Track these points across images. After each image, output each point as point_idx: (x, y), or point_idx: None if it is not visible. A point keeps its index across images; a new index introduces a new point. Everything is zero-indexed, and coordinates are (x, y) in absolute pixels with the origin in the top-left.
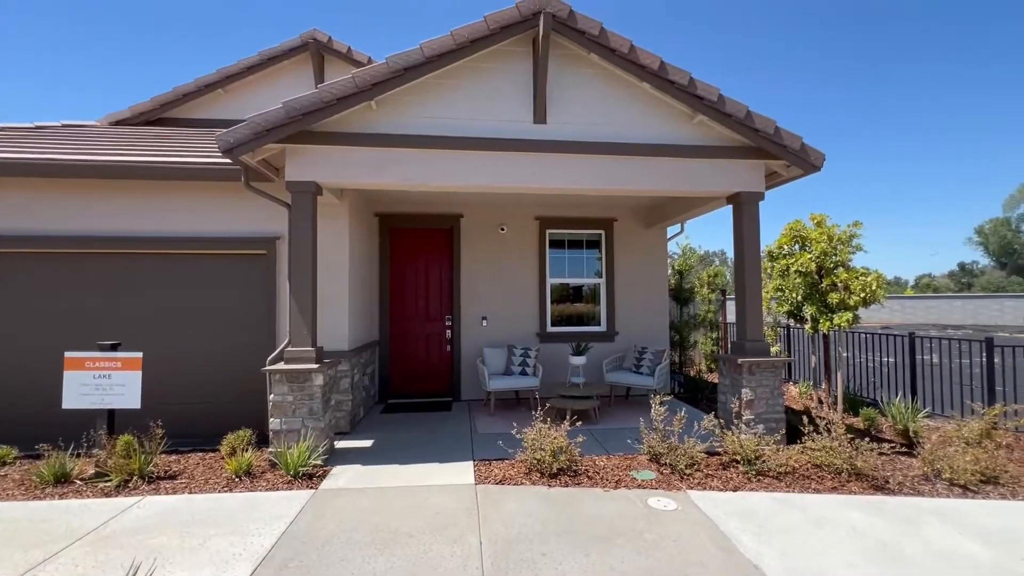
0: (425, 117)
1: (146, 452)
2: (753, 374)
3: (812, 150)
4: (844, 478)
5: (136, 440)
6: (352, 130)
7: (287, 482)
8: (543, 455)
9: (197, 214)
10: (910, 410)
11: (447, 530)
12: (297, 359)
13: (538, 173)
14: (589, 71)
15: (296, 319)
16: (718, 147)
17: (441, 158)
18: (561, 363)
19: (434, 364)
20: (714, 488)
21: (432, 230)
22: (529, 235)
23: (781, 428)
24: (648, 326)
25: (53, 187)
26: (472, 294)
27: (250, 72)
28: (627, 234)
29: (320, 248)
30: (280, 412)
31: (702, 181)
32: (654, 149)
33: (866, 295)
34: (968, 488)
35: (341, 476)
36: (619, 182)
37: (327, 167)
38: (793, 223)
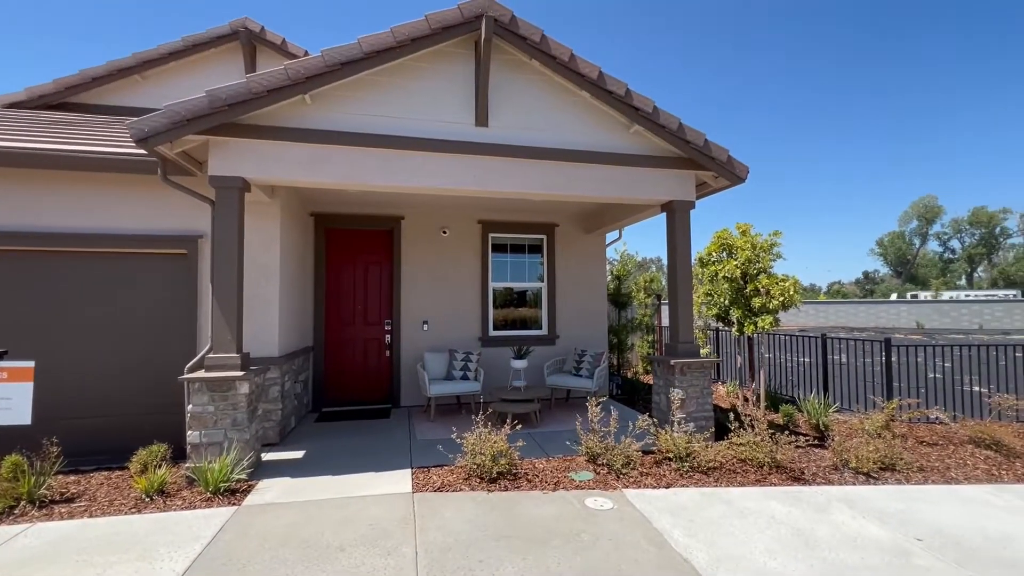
0: (364, 115)
1: (37, 473)
2: (684, 375)
3: (737, 163)
4: (766, 471)
5: (27, 460)
6: (284, 124)
7: (206, 499)
8: (483, 460)
9: (108, 209)
10: (822, 406)
11: (381, 542)
12: (220, 366)
13: (480, 176)
14: (531, 77)
15: (219, 323)
16: (653, 157)
17: (380, 157)
18: (503, 367)
19: (372, 370)
20: (648, 486)
21: (372, 231)
22: (472, 238)
23: (710, 426)
24: (588, 329)
25: None
26: (413, 298)
27: (172, 58)
28: (568, 239)
29: (248, 248)
30: (200, 424)
31: (638, 189)
32: (593, 156)
33: (785, 299)
34: (871, 476)
35: (268, 490)
36: (559, 187)
37: (256, 162)
38: (721, 232)
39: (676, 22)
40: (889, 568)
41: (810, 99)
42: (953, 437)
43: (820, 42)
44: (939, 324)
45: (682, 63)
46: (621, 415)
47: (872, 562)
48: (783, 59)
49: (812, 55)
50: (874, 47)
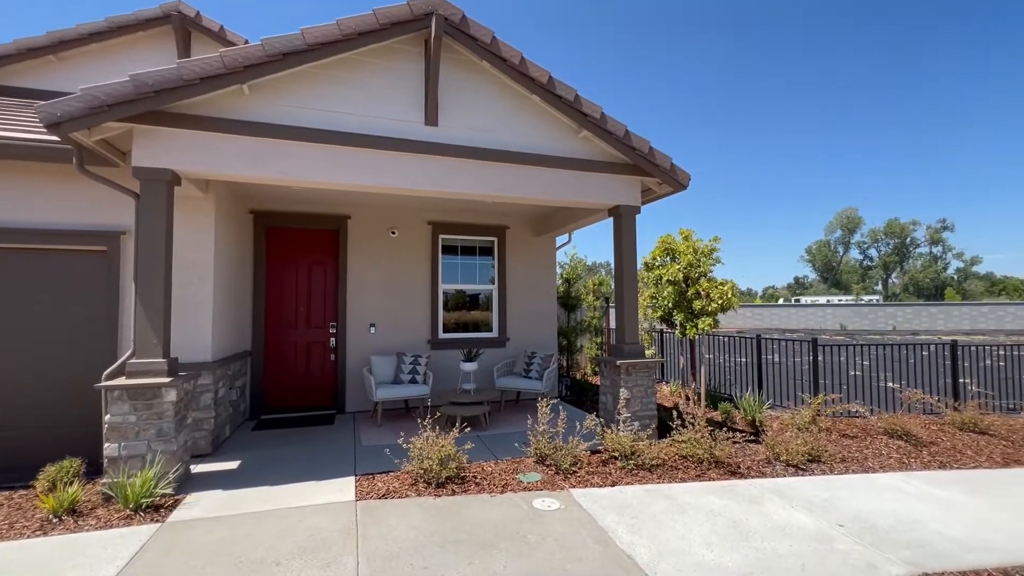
0: (309, 109)
1: None
2: (630, 375)
3: (680, 170)
4: (705, 466)
5: None
6: (221, 115)
7: (125, 517)
8: (430, 464)
9: (16, 201)
10: (757, 403)
11: (320, 553)
12: (143, 372)
13: (429, 176)
14: (482, 78)
15: (143, 327)
16: (601, 162)
17: (325, 154)
18: (453, 370)
19: (316, 375)
20: (595, 484)
21: (317, 231)
22: (421, 240)
23: (654, 424)
24: (538, 332)
25: None
26: (360, 300)
27: (93, 40)
28: (519, 242)
29: (179, 246)
30: (120, 435)
31: (586, 192)
32: (543, 159)
33: (723, 302)
34: (800, 467)
35: (196, 504)
36: (509, 189)
37: (188, 154)
38: (665, 237)
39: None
40: (815, 554)
41: (756, 114)
42: (870, 429)
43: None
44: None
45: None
46: (569, 415)
47: (800, 549)
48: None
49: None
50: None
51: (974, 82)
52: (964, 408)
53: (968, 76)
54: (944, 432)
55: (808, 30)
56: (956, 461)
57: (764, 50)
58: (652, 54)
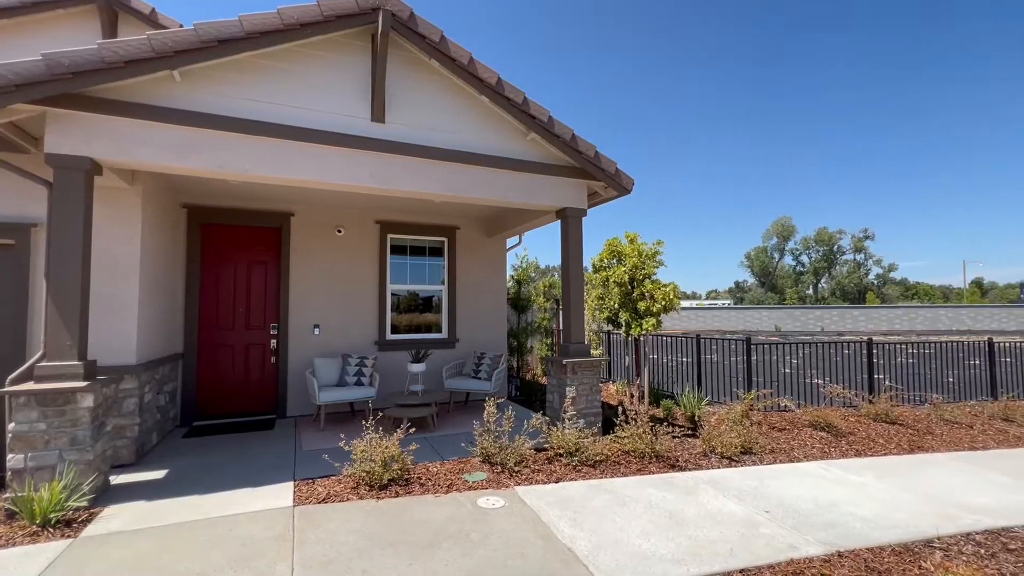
0: (246, 99)
1: None
2: (576, 373)
3: (624, 175)
4: (646, 461)
5: None
6: (148, 101)
7: (31, 534)
8: (372, 467)
9: None
10: (696, 400)
11: (253, 562)
12: (54, 376)
13: (376, 173)
14: (431, 77)
15: (56, 327)
16: (548, 164)
17: (266, 147)
18: (401, 372)
19: (255, 379)
20: (539, 482)
21: (256, 228)
22: (369, 239)
23: (599, 421)
24: (488, 333)
25: None
26: (303, 300)
27: (5, 15)
28: (469, 243)
29: (100, 241)
30: (26, 445)
31: (534, 195)
32: (491, 160)
33: (666, 303)
34: (733, 459)
35: (116, 518)
36: (457, 189)
37: (111, 142)
38: (612, 240)
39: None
40: (742, 539)
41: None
42: (797, 422)
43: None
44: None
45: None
46: (518, 415)
47: (729, 534)
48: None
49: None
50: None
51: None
52: (878, 401)
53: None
54: (860, 423)
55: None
56: (870, 449)
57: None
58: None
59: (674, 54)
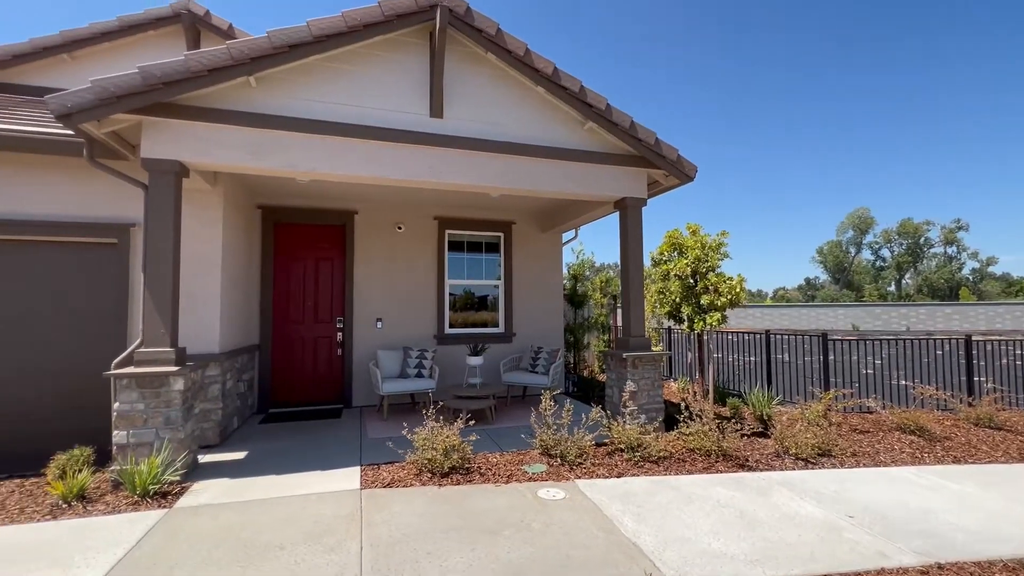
0: (314, 101)
1: None
2: (636, 367)
3: (687, 162)
4: (713, 459)
5: None
6: (227, 107)
7: (133, 503)
8: (434, 455)
9: (31, 194)
10: (766, 398)
11: (325, 538)
12: (151, 361)
13: (435, 168)
14: (487, 70)
15: (151, 316)
16: (607, 154)
17: (331, 146)
18: (459, 365)
19: (323, 369)
20: (600, 475)
21: (323, 226)
22: (428, 235)
23: (660, 417)
24: (545, 328)
25: None
26: (366, 295)
27: (105, 39)
28: (525, 238)
29: (187, 239)
30: (128, 423)
31: (592, 185)
32: (548, 151)
33: (732, 296)
34: (809, 461)
35: (204, 492)
36: (514, 182)
37: (195, 146)
38: (672, 232)
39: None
40: (824, 543)
41: (758, 105)
42: (883, 424)
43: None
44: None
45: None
46: (576, 409)
47: (807, 538)
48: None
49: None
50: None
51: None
52: (979, 404)
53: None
54: (958, 427)
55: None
56: (971, 456)
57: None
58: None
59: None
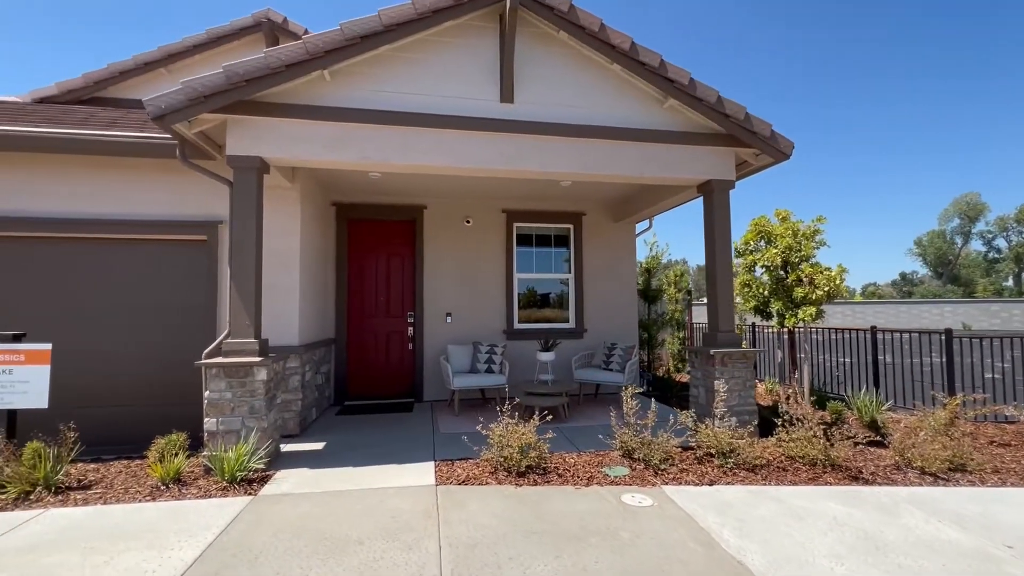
0: (385, 92)
1: (54, 459)
2: (725, 365)
3: (782, 138)
4: (819, 469)
5: (47, 447)
6: (303, 102)
7: (222, 489)
8: (510, 452)
9: (128, 195)
10: (874, 403)
11: (402, 535)
12: (237, 352)
13: (505, 154)
14: (558, 50)
15: (237, 308)
16: (689, 133)
17: (402, 136)
18: (529, 361)
19: (395, 363)
20: (689, 483)
21: (393, 222)
22: (496, 228)
23: (753, 420)
24: (617, 323)
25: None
26: (436, 290)
27: (196, 51)
28: (596, 229)
29: (268, 234)
30: (217, 411)
31: (673, 168)
32: (625, 133)
33: (830, 289)
34: (939, 476)
35: (285, 481)
36: (589, 166)
37: (274, 141)
38: (758, 219)
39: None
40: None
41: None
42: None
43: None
44: (988, 325)
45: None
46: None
47: (956, 568)
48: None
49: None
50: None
51: None
52: None
53: None
54: None
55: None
56: None
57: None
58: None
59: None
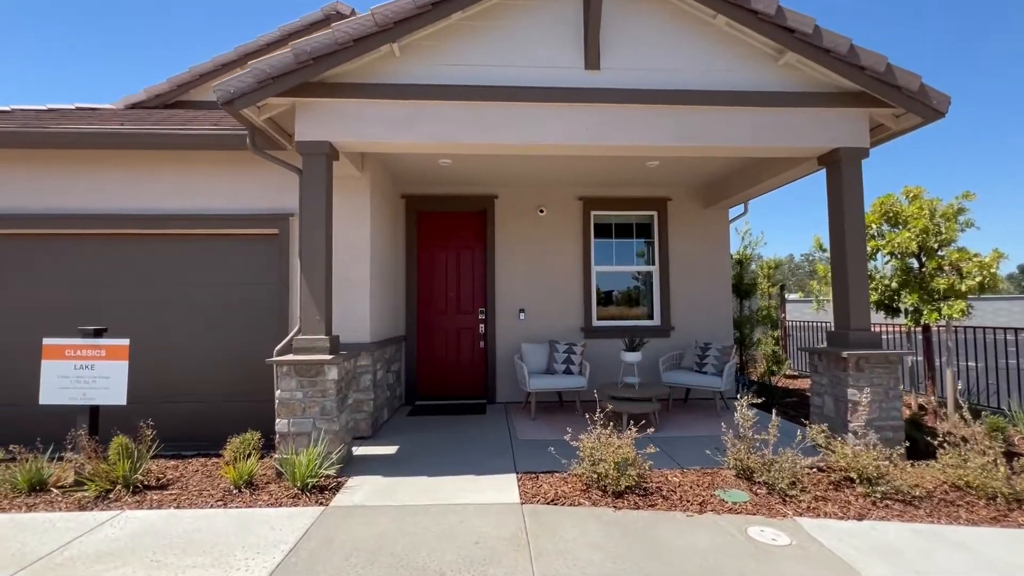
0: (458, 65)
1: (135, 457)
2: (862, 370)
3: (933, 92)
4: (1002, 505)
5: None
6: (372, 80)
7: (293, 496)
8: (605, 468)
9: (202, 189)
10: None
11: (490, 568)
12: (307, 349)
13: (592, 128)
14: (650, 7)
15: (307, 303)
16: (811, 94)
17: (476, 112)
18: (607, 361)
19: (466, 362)
20: (830, 515)
21: (463, 213)
22: (572, 218)
23: (900, 439)
24: (708, 321)
25: (37, 162)
26: (508, 285)
27: (270, 49)
28: (683, 216)
29: (338, 225)
30: (288, 411)
31: (791, 135)
32: (731, 97)
33: (984, 279)
34: None
35: (358, 490)
36: (688, 137)
37: (343, 124)
38: (883, 198)
39: None
40: None
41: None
42: None
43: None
44: None
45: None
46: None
47: None
48: None
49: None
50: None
51: None
52: None
53: None
54: None
55: None
56: None
57: None
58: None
59: None
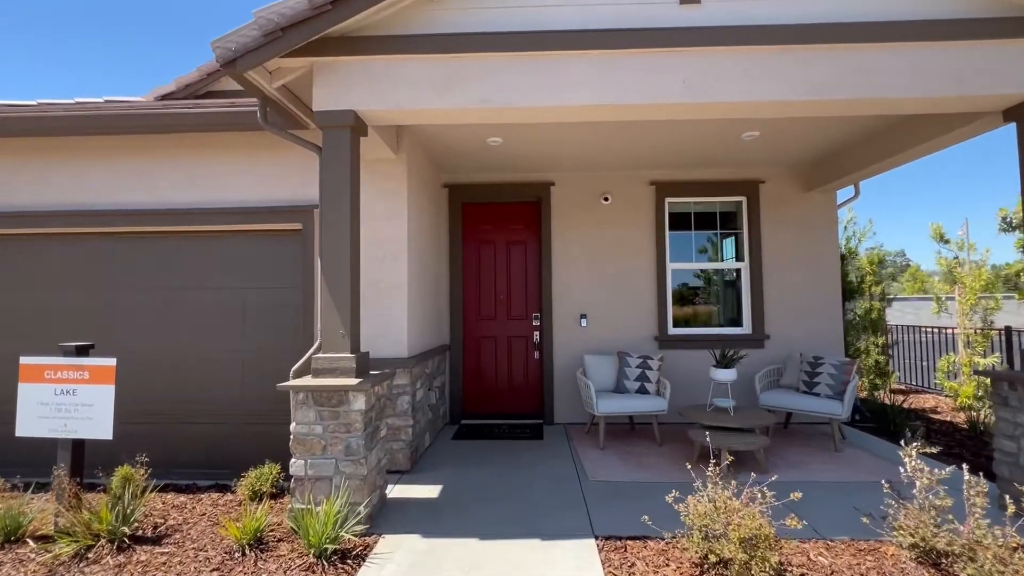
0: (512, 7)
1: (124, 501)
2: None
3: None
4: None
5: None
6: (404, 31)
7: (307, 566)
8: (730, 550)
9: (211, 180)
10: None
11: None
12: (329, 371)
13: (690, 80)
14: None
15: (329, 313)
16: (991, 20)
17: (536, 67)
18: (686, 377)
19: (518, 376)
20: None
21: (515, 204)
22: (642, 206)
23: None
24: (812, 328)
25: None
26: (567, 285)
27: None
28: (779, 201)
29: (369, 217)
30: (304, 449)
31: (962, 81)
32: (875, 31)
33: None
34: None
35: (389, 560)
36: (820, 89)
37: (370, 88)
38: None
39: None
40: None
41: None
42: None
43: None
44: None
45: None
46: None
47: None
48: None
49: None
50: None
51: None
52: None
53: None
54: None
55: None
56: None
57: None
58: None
59: None
